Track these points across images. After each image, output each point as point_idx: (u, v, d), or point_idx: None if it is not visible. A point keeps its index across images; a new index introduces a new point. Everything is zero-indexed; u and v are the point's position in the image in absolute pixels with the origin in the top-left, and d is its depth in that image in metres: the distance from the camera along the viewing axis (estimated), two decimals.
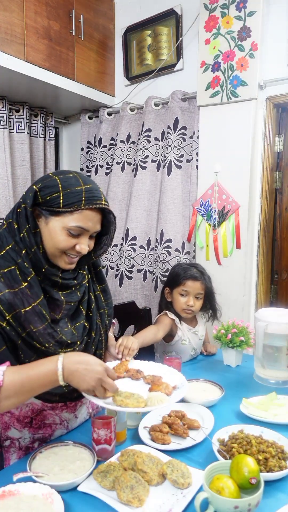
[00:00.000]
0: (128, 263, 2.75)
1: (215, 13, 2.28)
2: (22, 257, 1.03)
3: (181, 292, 1.77)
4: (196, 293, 1.77)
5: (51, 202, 1.03)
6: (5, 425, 1.15)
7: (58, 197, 1.02)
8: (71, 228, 1.04)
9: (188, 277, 1.76)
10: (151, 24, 2.67)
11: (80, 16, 2.57)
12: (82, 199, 1.03)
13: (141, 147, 2.67)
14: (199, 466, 1.04)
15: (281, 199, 2.44)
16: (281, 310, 1.64)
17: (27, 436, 1.17)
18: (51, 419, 1.19)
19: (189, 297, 1.77)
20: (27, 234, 1.03)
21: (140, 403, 1.03)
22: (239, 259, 2.33)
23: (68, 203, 1.02)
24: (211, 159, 2.38)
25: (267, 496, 0.93)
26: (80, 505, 0.93)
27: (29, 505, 0.90)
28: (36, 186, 1.05)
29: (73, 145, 3.29)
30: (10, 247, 1.04)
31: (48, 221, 1.04)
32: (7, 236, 1.06)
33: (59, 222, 1.04)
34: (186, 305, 1.76)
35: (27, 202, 1.03)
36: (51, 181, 1.04)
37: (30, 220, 1.03)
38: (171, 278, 1.83)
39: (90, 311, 1.19)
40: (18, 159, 2.80)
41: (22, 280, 1.02)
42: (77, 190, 1.03)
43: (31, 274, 1.03)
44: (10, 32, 2.18)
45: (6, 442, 1.16)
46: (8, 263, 1.03)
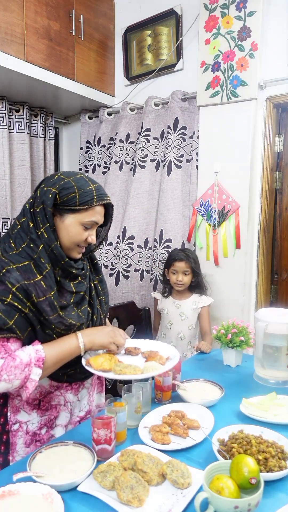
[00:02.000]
0: (125, 262, 2.74)
1: (215, 13, 2.28)
2: (38, 252, 1.16)
3: (172, 271, 2.23)
4: (183, 271, 2.20)
5: (68, 202, 1.17)
6: (15, 408, 1.23)
7: (75, 197, 1.17)
8: (86, 223, 1.20)
9: (176, 259, 2.21)
10: (151, 24, 2.67)
11: (80, 16, 2.57)
12: (94, 197, 1.19)
13: (141, 147, 2.67)
14: (199, 466, 1.04)
15: (281, 199, 2.44)
16: (281, 310, 1.64)
17: (35, 419, 1.25)
18: (56, 400, 1.28)
19: (177, 274, 2.21)
20: (46, 231, 1.16)
21: (136, 371, 1.18)
22: (239, 259, 2.34)
23: (84, 201, 1.18)
24: (211, 159, 2.38)
25: (267, 496, 0.93)
26: (80, 505, 0.93)
27: (29, 505, 0.90)
28: (54, 189, 1.17)
29: (73, 145, 3.29)
30: (26, 244, 1.17)
31: (64, 218, 1.19)
32: (22, 236, 1.18)
33: (75, 219, 1.19)
34: (177, 280, 2.21)
35: (47, 203, 1.16)
36: (67, 183, 1.18)
37: (49, 219, 1.16)
38: (167, 261, 2.30)
39: (91, 298, 1.34)
40: (17, 159, 2.80)
41: (38, 273, 1.15)
42: (88, 189, 1.19)
43: (46, 268, 1.16)
44: (10, 32, 2.18)
45: (15, 426, 1.23)
46: (23, 259, 1.15)
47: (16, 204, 2.80)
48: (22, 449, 1.23)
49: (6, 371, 1.06)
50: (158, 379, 1.39)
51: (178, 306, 2.25)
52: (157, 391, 1.40)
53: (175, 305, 2.26)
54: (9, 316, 1.10)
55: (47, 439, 1.26)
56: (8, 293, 1.10)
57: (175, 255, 2.24)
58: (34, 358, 1.11)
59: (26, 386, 1.10)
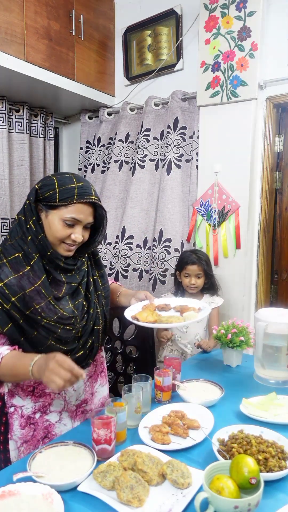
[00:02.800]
0: (124, 262, 2.74)
1: (215, 13, 2.28)
2: (27, 243, 1.22)
3: (185, 274, 2.19)
4: (195, 274, 2.16)
5: (49, 198, 1.22)
6: (11, 393, 1.29)
7: (55, 193, 1.21)
8: (66, 219, 1.22)
9: (188, 263, 2.17)
10: (151, 24, 2.67)
11: (80, 16, 2.57)
12: (74, 195, 1.22)
13: (140, 146, 2.67)
14: (199, 466, 1.04)
15: (281, 199, 2.44)
16: (281, 310, 1.64)
17: (29, 404, 1.30)
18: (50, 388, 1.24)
19: (190, 277, 2.17)
20: (33, 224, 1.23)
21: (180, 320, 1.36)
22: (239, 259, 2.33)
23: (63, 198, 1.21)
24: (211, 159, 2.38)
25: (267, 496, 0.93)
26: (80, 505, 0.93)
27: (29, 505, 0.90)
28: (37, 185, 1.25)
29: (73, 145, 3.29)
30: (19, 237, 1.24)
31: (48, 214, 1.24)
32: (18, 229, 1.25)
33: (56, 215, 1.23)
34: (190, 284, 2.17)
35: (31, 199, 1.24)
36: (49, 181, 1.25)
37: (34, 213, 1.23)
38: (178, 264, 2.26)
39: (88, 292, 1.37)
40: (17, 159, 2.80)
41: (26, 264, 1.22)
42: (70, 187, 1.22)
43: (34, 258, 1.22)
44: (10, 32, 2.18)
45: (11, 409, 1.30)
46: (15, 251, 1.23)
47: (15, 204, 2.80)
48: (18, 430, 1.30)
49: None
50: (158, 379, 1.39)
51: None
52: (157, 391, 1.40)
53: None
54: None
55: (42, 423, 1.31)
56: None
57: (187, 258, 2.19)
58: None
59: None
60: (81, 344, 1.31)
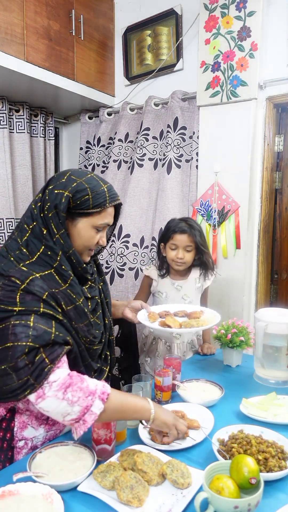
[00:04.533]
0: (120, 260, 2.74)
1: (215, 13, 2.28)
2: (58, 260, 1.10)
3: (171, 246, 1.83)
4: (184, 246, 1.81)
5: (81, 205, 1.12)
6: (23, 424, 1.16)
7: (88, 200, 1.12)
8: (99, 226, 1.16)
9: (176, 231, 1.81)
10: (151, 24, 2.67)
11: (80, 16, 2.57)
12: (106, 199, 1.15)
13: (139, 145, 2.67)
14: (199, 466, 1.04)
15: (281, 199, 2.44)
16: (281, 310, 1.64)
17: (41, 435, 1.18)
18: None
19: (178, 250, 1.82)
20: (62, 237, 1.10)
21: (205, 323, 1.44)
22: (239, 259, 2.33)
23: (97, 204, 1.13)
24: (211, 159, 2.38)
25: (267, 496, 0.93)
26: (80, 505, 0.93)
27: (29, 505, 0.90)
28: (67, 192, 1.10)
29: (73, 145, 3.29)
30: (41, 252, 1.10)
31: (76, 222, 1.14)
32: (35, 242, 1.11)
33: (88, 222, 1.15)
34: (176, 257, 1.82)
35: (61, 208, 1.09)
36: (79, 185, 1.12)
37: (64, 224, 1.10)
38: (163, 233, 1.89)
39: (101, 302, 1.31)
40: (18, 159, 2.80)
41: (62, 282, 1.10)
42: (101, 190, 1.14)
43: (70, 276, 1.11)
44: (10, 32, 2.18)
45: (20, 443, 1.15)
46: (43, 268, 1.09)
47: (18, 204, 2.80)
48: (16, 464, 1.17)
49: (72, 390, 0.99)
50: (158, 379, 1.39)
51: (179, 288, 1.90)
52: (157, 391, 1.40)
53: (176, 286, 1.90)
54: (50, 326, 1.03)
55: None
56: (39, 302, 1.04)
57: (175, 226, 1.83)
58: (100, 390, 1.02)
59: (84, 419, 1.00)
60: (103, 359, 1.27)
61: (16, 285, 1.03)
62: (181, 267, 1.85)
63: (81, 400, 0.99)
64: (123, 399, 1.07)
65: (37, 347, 1.00)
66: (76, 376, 1.03)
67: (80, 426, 1.01)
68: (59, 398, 0.98)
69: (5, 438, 1.14)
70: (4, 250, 1.13)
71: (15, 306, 1.01)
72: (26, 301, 1.02)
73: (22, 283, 1.03)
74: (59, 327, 1.06)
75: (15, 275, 1.04)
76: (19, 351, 0.99)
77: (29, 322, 1.01)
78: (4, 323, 1.01)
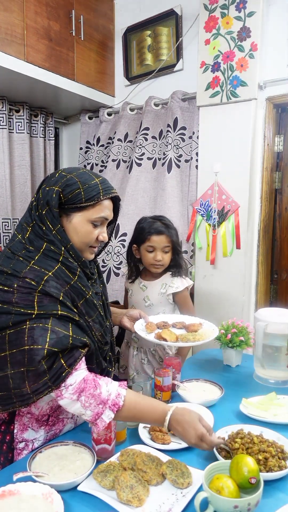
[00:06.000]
0: (116, 259, 2.73)
1: (215, 14, 2.28)
2: (62, 254, 1.09)
3: (148, 248, 1.73)
4: (162, 247, 1.72)
5: (73, 199, 1.10)
6: (23, 427, 1.15)
7: (80, 193, 1.09)
8: (95, 220, 1.13)
9: (152, 232, 1.71)
10: (151, 24, 2.67)
11: (80, 16, 2.58)
12: (100, 191, 1.12)
13: (138, 145, 2.67)
14: (199, 466, 1.04)
15: (281, 199, 2.44)
16: (281, 310, 1.64)
17: (41, 436, 1.18)
18: (64, 414, 1.22)
19: (156, 252, 1.72)
20: (58, 233, 1.09)
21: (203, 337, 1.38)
22: (239, 259, 2.34)
23: (89, 197, 1.10)
24: (211, 159, 2.38)
25: (267, 495, 0.93)
26: (80, 505, 0.93)
27: (29, 505, 0.90)
28: (57, 187, 1.09)
29: (73, 145, 3.29)
30: (45, 247, 1.09)
31: (71, 218, 1.12)
32: (37, 239, 1.10)
33: (83, 217, 1.12)
34: (154, 260, 1.73)
35: (52, 204, 1.08)
36: (69, 180, 1.11)
37: (58, 220, 1.09)
38: (136, 235, 1.78)
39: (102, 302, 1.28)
40: (17, 159, 2.80)
41: (71, 275, 1.09)
42: (93, 183, 1.12)
43: (77, 268, 1.11)
44: (10, 32, 2.18)
45: (20, 445, 1.14)
46: (52, 263, 1.08)
47: (16, 204, 2.80)
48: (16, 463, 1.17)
49: (85, 394, 1.01)
50: (158, 379, 1.39)
51: (144, 288, 1.82)
52: (157, 391, 1.40)
53: (141, 286, 1.83)
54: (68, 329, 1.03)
55: None
56: (57, 305, 1.03)
57: (149, 227, 1.72)
58: (111, 401, 1.03)
59: (96, 423, 1.03)
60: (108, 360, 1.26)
61: (33, 287, 1.02)
62: (159, 269, 1.77)
63: (92, 407, 1.01)
64: (138, 410, 1.07)
65: (56, 351, 0.99)
66: (91, 380, 1.04)
67: (93, 427, 1.05)
68: (74, 400, 1.02)
69: (4, 440, 1.14)
70: (9, 252, 1.11)
71: (33, 310, 1.00)
72: (44, 304, 1.02)
73: (38, 285, 1.02)
74: (76, 329, 1.06)
75: (29, 275, 1.03)
76: (38, 355, 0.98)
77: (47, 325, 1.00)
78: (20, 326, 1.00)
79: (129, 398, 1.05)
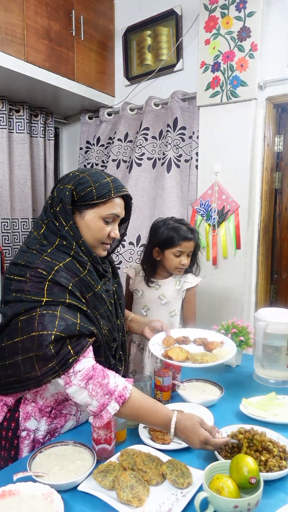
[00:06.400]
0: (116, 259, 2.73)
1: (215, 14, 2.28)
2: (73, 249, 1.14)
3: (176, 253, 1.77)
4: (189, 252, 1.80)
5: (85, 197, 1.15)
6: (26, 415, 1.18)
7: (91, 191, 1.15)
8: (106, 216, 1.17)
9: (183, 239, 1.75)
10: (151, 24, 2.67)
11: (80, 16, 2.58)
12: (111, 189, 1.17)
13: (138, 145, 2.67)
14: (199, 466, 1.04)
15: (281, 199, 2.44)
16: (281, 310, 1.64)
17: (43, 427, 1.20)
18: (68, 409, 1.24)
19: (183, 256, 1.78)
20: (71, 228, 1.14)
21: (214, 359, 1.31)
22: (239, 259, 2.34)
23: (101, 194, 1.15)
24: (211, 159, 2.39)
25: (267, 495, 0.93)
26: (80, 505, 0.93)
27: (29, 505, 0.90)
28: (70, 185, 1.15)
29: (73, 145, 3.29)
30: (58, 242, 1.14)
31: (84, 215, 1.17)
32: (51, 234, 1.16)
33: (95, 214, 1.17)
34: (180, 264, 1.78)
35: (66, 201, 1.14)
36: (81, 178, 1.17)
37: (71, 216, 1.15)
38: (163, 239, 1.78)
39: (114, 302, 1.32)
40: (17, 159, 2.80)
41: (82, 268, 1.14)
42: (105, 182, 1.17)
43: (87, 262, 1.15)
44: (10, 32, 2.18)
45: (23, 433, 1.18)
46: (64, 256, 1.13)
47: (16, 205, 2.80)
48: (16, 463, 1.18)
49: (93, 382, 1.03)
50: (158, 379, 1.39)
51: (157, 287, 1.85)
52: (157, 391, 1.40)
53: (153, 285, 1.86)
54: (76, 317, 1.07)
55: None
56: (65, 293, 1.08)
57: (178, 233, 1.75)
58: (118, 393, 1.04)
59: (101, 414, 1.04)
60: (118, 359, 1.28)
61: (44, 276, 1.07)
62: (182, 272, 1.84)
63: (99, 396, 1.03)
64: (142, 409, 1.08)
65: (64, 336, 1.03)
66: (100, 370, 1.06)
67: (97, 420, 1.05)
68: (82, 387, 1.04)
69: (10, 427, 1.18)
70: (25, 247, 1.17)
71: (42, 297, 1.06)
72: (53, 292, 1.06)
73: (49, 274, 1.07)
74: (84, 318, 1.10)
75: (41, 266, 1.09)
76: (46, 340, 1.02)
77: (56, 312, 1.05)
78: (31, 313, 1.06)
79: (134, 394, 1.08)
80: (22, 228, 2.84)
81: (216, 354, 1.34)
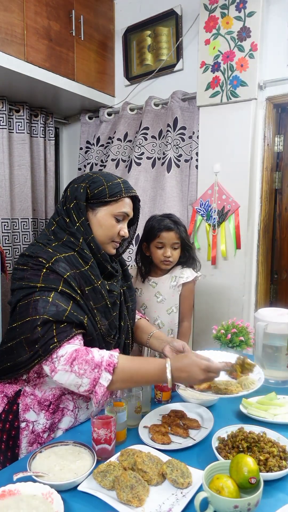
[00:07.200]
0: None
1: (215, 14, 2.28)
2: (80, 245, 1.20)
3: (157, 244, 1.78)
4: (171, 244, 1.78)
5: (99, 195, 1.22)
6: (26, 407, 1.22)
7: (104, 189, 1.22)
8: (117, 214, 1.25)
9: (162, 229, 1.76)
10: (151, 24, 2.67)
11: (80, 16, 2.57)
12: (122, 189, 1.25)
13: (138, 144, 2.67)
14: (199, 466, 1.04)
15: (281, 199, 2.44)
16: (281, 310, 1.64)
17: (41, 420, 1.23)
18: (65, 404, 1.26)
19: (165, 248, 1.78)
20: (82, 225, 1.21)
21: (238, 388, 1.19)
22: (239, 259, 2.34)
23: (113, 193, 1.23)
24: (211, 159, 2.39)
25: (267, 495, 0.93)
26: (80, 505, 0.93)
27: (29, 505, 0.90)
28: (85, 184, 1.23)
29: (73, 145, 3.29)
30: (65, 239, 1.21)
31: (96, 212, 1.24)
32: (60, 231, 1.23)
33: (107, 211, 1.24)
34: (163, 256, 1.78)
35: (80, 198, 1.22)
36: (95, 178, 1.25)
37: (84, 213, 1.21)
38: (146, 232, 1.82)
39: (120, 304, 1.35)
40: (17, 159, 2.80)
41: (84, 263, 1.19)
42: (116, 182, 1.25)
43: (91, 258, 1.20)
44: (10, 32, 2.18)
45: (22, 424, 1.22)
46: (67, 250, 1.19)
47: (16, 205, 2.80)
48: (25, 447, 1.23)
49: (78, 362, 1.05)
50: None
51: (154, 285, 1.86)
52: (157, 391, 1.40)
53: (150, 283, 1.86)
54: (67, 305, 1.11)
55: None
56: (60, 281, 1.12)
57: (159, 224, 1.77)
58: (106, 362, 1.07)
59: (95, 391, 1.06)
60: None
61: (42, 264, 1.14)
62: (169, 265, 1.82)
63: (88, 373, 1.05)
64: (133, 368, 1.10)
65: (51, 320, 1.07)
66: (82, 349, 1.07)
67: (94, 397, 1.07)
68: (68, 371, 1.06)
69: (7, 419, 1.21)
70: (34, 241, 1.25)
71: (37, 283, 1.11)
72: (48, 278, 1.12)
73: (47, 262, 1.14)
74: (75, 307, 1.13)
75: (42, 255, 1.16)
76: (35, 322, 1.07)
77: (49, 298, 1.10)
78: (27, 299, 1.12)
79: (122, 357, 1.10)
80: (22, 228, 2.84)
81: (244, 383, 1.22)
